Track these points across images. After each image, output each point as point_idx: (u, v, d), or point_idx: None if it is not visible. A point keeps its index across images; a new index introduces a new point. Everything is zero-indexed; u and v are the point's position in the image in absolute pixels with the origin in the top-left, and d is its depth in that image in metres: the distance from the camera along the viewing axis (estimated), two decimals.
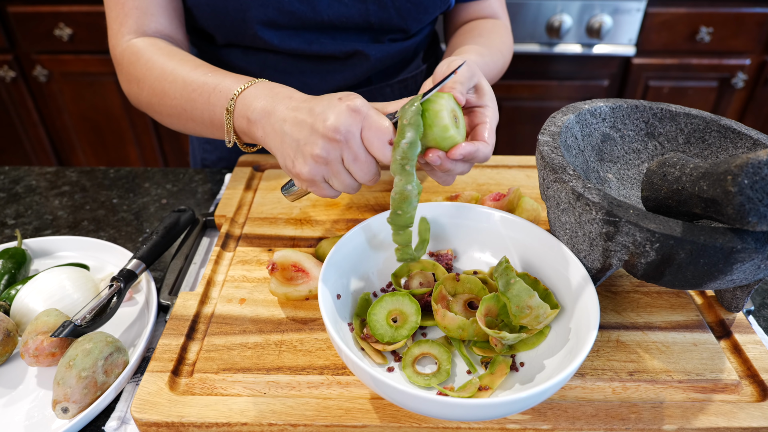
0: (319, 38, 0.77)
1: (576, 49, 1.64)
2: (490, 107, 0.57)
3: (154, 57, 0.66)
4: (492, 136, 0.56)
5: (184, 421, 0.46)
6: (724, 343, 0.55)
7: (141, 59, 0.66)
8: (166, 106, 0.65)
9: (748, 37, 1.64)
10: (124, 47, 0.69)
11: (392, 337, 0.50)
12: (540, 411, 0.47)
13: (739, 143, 0.58)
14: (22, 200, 0.82)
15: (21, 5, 1.62)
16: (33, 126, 1.88)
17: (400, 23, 0.78)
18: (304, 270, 0.57)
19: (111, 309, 0.56)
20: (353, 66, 0.81)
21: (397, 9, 0.76)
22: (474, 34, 0.79)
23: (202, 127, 0.64)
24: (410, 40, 0.83)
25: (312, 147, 0.51)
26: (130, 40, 0.69)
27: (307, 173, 0.52)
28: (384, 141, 0.50)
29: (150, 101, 0.67)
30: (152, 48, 0.67)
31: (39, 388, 0.52)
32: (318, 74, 0.81)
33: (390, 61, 0.83)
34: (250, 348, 0.52)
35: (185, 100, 0.63)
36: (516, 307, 0.49)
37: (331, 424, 0.46)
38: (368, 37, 0.79)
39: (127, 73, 0.68)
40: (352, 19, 0.75)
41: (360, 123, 0.50)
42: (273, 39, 0.75)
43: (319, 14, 0.73)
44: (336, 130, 0.49)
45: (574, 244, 0.51)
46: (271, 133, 0.55)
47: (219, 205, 0.73)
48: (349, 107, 0.49)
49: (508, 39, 0.83)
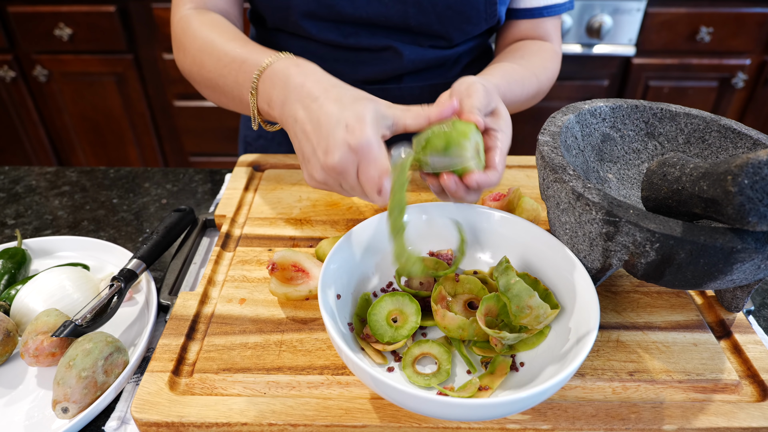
0: (357, 32, 0.78)
1: (576, 49, 1.64)
2: (504, 132, 0.57)
3: (201, 28, 0.68)
4: (503, 162, 0.55)
5: (184, 421, 0.46)
6: (724, 343, 0.55)
7: (190, 29, 0.69)
8: (204, 78, 0.68)
9: (748, 37, 1.64)
10: (181, 16, 0.72)
11: (392, 337, 0.50)
12: (540, 411, 0.47)
13: (739, 143, 0.58)
14: (22, 200, 0.82)
15: (21, 5, 1.62)
16: (33, 126, 1.88)
17: (441, 30, 0.77)
18: (304, 270, 0.57)
19: (111, 309, 0.56)
20: (384, 60, 0.80)
21: (438, 15, 0.75)
22: (516, 55, 0.78)
23: (234, 103, 0.67)
24: (452, 50, 0.82)
25: (312, 170, 0.53)
26: (187, 10, 0.72)
27: (312, 183, 0.55)
28: (374, 188, 0.50)
29: (191, 71, 0.70)
30: (201, 18, 0.70)
31: (39, 388, 0.52)
32: (350, 64, 0.82)
33: (425, 64, 0.82)
34: (250, 348, 0.52)
35: (218, 75, 0.65)
36: (516, 307, 0.49)
37: (331, 424, 0.46)
38: (408, 38, 0.79)
39: (177, 41, 0.71)
40: (391, 19, 0.75)
41: (356, 163, 0.50)
42: (312, 29, 0.77)
43: (358, 10, 0.74)
44: (332, 168, 0.50)
45: (574, 244, 0.51)
46: (286, 124, 0.57)
47: (219, 205, 0.73)
48: (350, 146, 0.49)
49: (551, 64, 0.81)
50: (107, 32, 1.67)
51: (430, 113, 0.54)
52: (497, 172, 0.54)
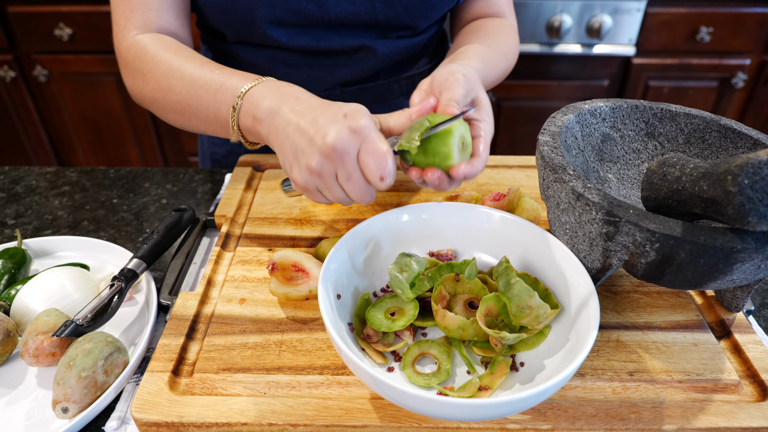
0: (327, 35, 0.77)
1: (576, 49, 1.64)
2: (486, 121, 0.58)
3: (161, 53, 0.66)
4: (486, 150, 0.57)
5: (184, 421, 0.46)
6: (724, 343, 0.55)
7: (147, 54, 0.66)
8: (171, 102, 0.65)
9: (748, 37, 1.64)
10: (130, 42, 0.69)
11: (389, 327, 0.50)
12: (540, 411, 0.47)
13: (739, 143, 0.58)
14: (22, 200, 0.82)
15: (21, 5, 1.62)
16: (33, 126, 1.88)
17: (408, 20, 0.78)
18: (304, 270, 0.57)
19: (112, 308, 0.56)
20: (360, 60, 0.81)
21: (404, 6, 0.76)
22: (480, 34, 0.79)
23: (207, 124, 0.65)
24: (418, 37, 0.83)
25: (308, 158, 0.51)
26: (136, 36, 0.69)
27: (302, 181, 0.53)
28: (378, 166, 0.50)
29: (154, 97, 0.67)
30: (159, 44, 0.67)
31: (39, 388, 0.52)
32: (326, 68, 0.81)
33: (398, 57, 0.83)
34: (250, 348, 0.52)
35: (191, 96, 0.63)
36: (516, 307, 0.49)
37: (331, 424, 0.46)
38: (376, 34, 0.79)
39: (133, 68, 0.68)
40: (360, 17, 0.75)
41: (358, 144, 0.50)
42: (281, 37, 0.76)
43: (327, 12, 0.74)
44: (333, 148, 0.49)
45: (574, 244, 0.51)
46: (275, 133, 0.55)
47: (219, 205, 0.73)
48: (351, 127, 0.49)
49: (513, 41, 0.82)
50: (107, 32, 1.67)
51: (411, 113, 0.55)
52: (482, 159, 0.56)
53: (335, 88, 0.84)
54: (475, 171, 0.55)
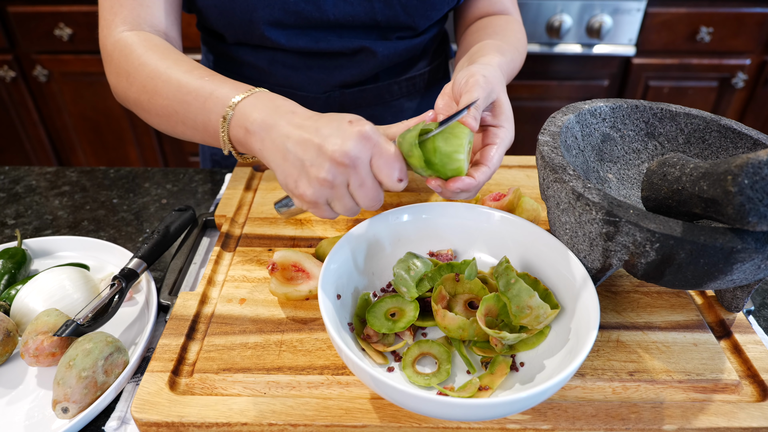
0: (326, 36, 0.77)
1: (576, 49, 1.64)
2: (505, 128, 0.55)
3: (148, 53, 0.63)
4: (500, 159, 0.55)
5: (184, 421, 0.46)
6: (724, 343, 0.55)
7: (133, 53, 0.63)
8: (156, 105, 0.62)
9: (748, 37, 1.64)
10: (117, 38, 0.65)
11: (389, 329, 0.50)
12: (540, 411, 0.47)
13: (739, 143, 0.58)
14: (22, 200, 0.82)
15: (21, 5, 1.62)
16: (33, 126, 1.88)
17: (408, 20, 0.77)
18: (304, 270, 0.57)
19: (112, 308, 0.56)
20: (360, 62, 0.81)
21: (404, 6, 0.75)
22: (489, 31, 0.77)
23: (194, 131, 0.61)
24: (418, 38, 0.83)
25: (318, 169, 0.49)
26: (122, 32, 0.66)
27: (311, 195, 0.50)
28: (393, 169, 0.49)
29: (138, 98, 0.64)
30: (146, 43, 0.64)
31: (39, 388, 0.52)
32: (325, 70, 0.81)
33: (398, 58, 0.82)
34: (250, 348, 0.52)
35: (178, 101, 0.60)
36: (516, 307, 0.49)
37: (331, 424, 0.46)
38: (375, 35, 0.79)
39: (117, 66, 0.65)
40: (359, 18, 0.75)
41: (370, 150, 0.49)
42: (280, 38, 0.75)
43: (325, 13, 0.73)
44: (345, 155, 0.47)
45: (574, 244, 0.51)
46: (271, 148, 0.52)
47: (219, 205, 0.72)
48: (360, 133, 0.48)
49: (522, 36, 0.80)
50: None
51: (409, 125, 0.55)
52: (489, 169, 0.54)
53: (335, 89, 0.83)
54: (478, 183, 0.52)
